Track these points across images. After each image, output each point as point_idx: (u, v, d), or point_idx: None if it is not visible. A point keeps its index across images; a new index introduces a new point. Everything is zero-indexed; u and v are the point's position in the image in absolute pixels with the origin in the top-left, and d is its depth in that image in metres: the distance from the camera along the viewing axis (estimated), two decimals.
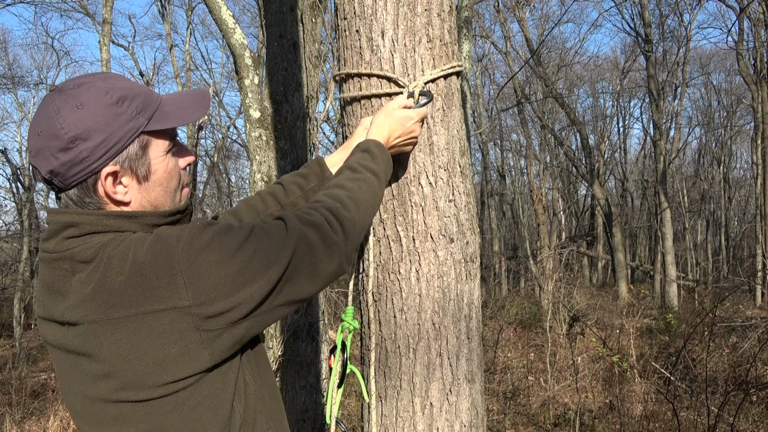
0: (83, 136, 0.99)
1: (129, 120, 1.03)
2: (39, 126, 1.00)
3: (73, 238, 1.02)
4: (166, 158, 1.09)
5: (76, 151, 0.99)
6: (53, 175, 1.01)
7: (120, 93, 1.03)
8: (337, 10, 1.62)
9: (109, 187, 1.03)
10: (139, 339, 0.95)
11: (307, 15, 4.81)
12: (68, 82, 1.04)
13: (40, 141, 1.00)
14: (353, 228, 1.19)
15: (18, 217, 19.92)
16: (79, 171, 1.01)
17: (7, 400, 7.69)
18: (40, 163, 1.01)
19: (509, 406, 6.90)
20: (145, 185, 1.07)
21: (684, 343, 6.92)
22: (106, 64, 15.55)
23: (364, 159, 1.34)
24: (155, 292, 0.95)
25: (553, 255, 12.98)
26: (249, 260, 1.00)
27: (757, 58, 16.12)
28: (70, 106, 0.99)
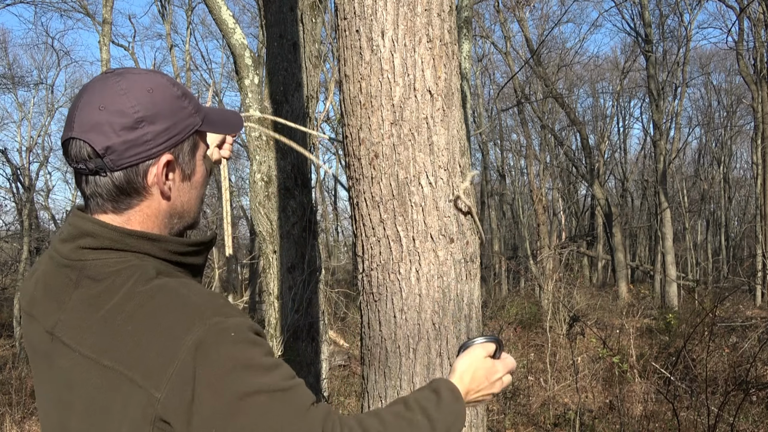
0: (151, 119, 0.96)
1: (188, 116, 1.02)
2: (100, 101, 0.95)
3: (89, 249, 0.97)
4: (203, 164, 1.08)
5: (141, 132, 0.95)
6: (108, 152, 0.94)
7: (183, 89, 1.03)
8: (337, 10, 1.62)
9: (161, 174, 0.99)
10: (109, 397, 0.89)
11: (307, 15, 4.82)
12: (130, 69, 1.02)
13: (100, 115, 0.94)
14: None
15: (18, 217, 19.92)
16: (137, 153, 0.96)
17: (7, 400, 7.69)
18: (93, 138, 0.94)
19: (509, 406, 6.90)
20: (186, 184, 1.05)
21: (684, 343, 6.92)
22: (106, 64, 15.55)
23: (426, 399, 1.09)
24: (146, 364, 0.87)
25: (553, 255, 12.99)
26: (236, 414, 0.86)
27: (757, 58, 16.13)
28: (142, 88, 0.97)
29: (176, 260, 1.02)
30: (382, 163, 1.55)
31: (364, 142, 1.57)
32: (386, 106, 1.54)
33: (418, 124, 1.53)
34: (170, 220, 1.04)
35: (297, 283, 4.53)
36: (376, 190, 1.56)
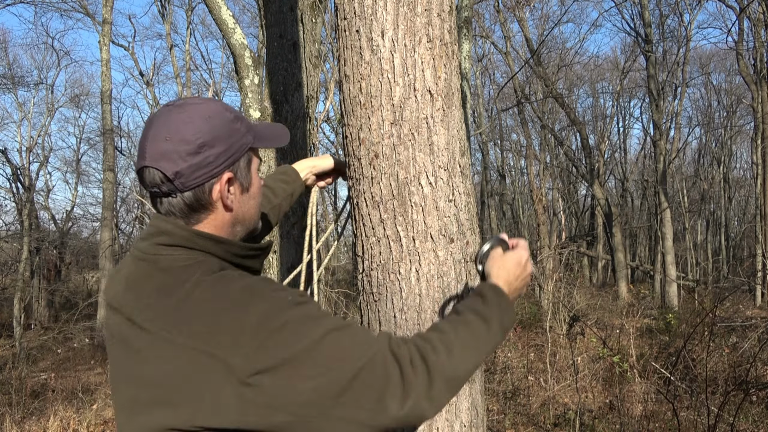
0: (211, 143, 1.11)
1: (242, 136, 1.16)
2: (164, 133, 1.10)
3: (163, 245, 1.11)
4: (257, 175, 1.23)
5: (203, 156, 1.10)
6: (177, 176, 1.09)
7: (234, 113, 1.17)
8: (337, 10, 1.62)
9: (224, 190, 1.14)
10: (189, 370, 0.99)
11: (307, 15, 4.82)
12: (188, 99, 1.16)
13: (166, 145, 1.09)
14: (441, 373, 1.09)
15: (18, 217, 19.93)
16: (202, 174, 1.11)
17: (7, 400, 7.69)
18: (164, 166, 1.09)
19: (509, 406, 6.90)
20: (245, 196, 1.20)
21: (684, 343, 6.92)
22: (106, 64, 15.56)
23: (473, 302, 1.25)
24: (220, 339, 0.98)
25: (553, 255, 12.98)
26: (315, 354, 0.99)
27: (757, 58, 16.12)
28: (200, 117, 1.12)
29: (236, 262, 1.17)
30: (382, 163, 1.55)
31: (364, 142, 1.57)
32: (386, 106, 1.54)
33: (418, 124, 1.53)
34: (233, 228, 1.19)
35: (297, 283, 4.53)
36: (376, 190, 1.56)
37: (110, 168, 15.42)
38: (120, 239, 22.88)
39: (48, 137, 26.87)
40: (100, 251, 15.98)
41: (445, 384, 1.09)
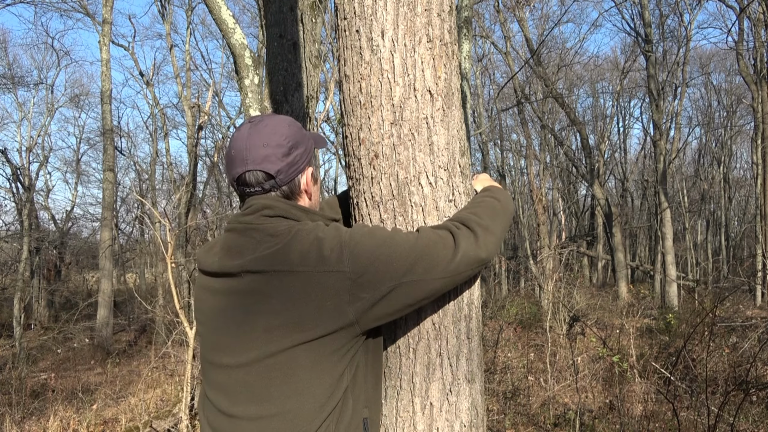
0: (296, 145, 1.43)
1: (309, 140, 1.49)
2: (261, 141, 1.40)
3: (267, 217, 1.38)
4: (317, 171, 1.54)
5: (294, 155, 1.42)
6: (279, 173, 1.40)
7: (298, 124, 1.48)
8: (337, 10, 1.62)
9: (309, 181, 1.47)
10: (310, 288, 1.27)
11: (307, 15, 4.82)
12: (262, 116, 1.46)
13: (266, 150, 1.39)
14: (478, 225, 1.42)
15: (18, 217, 19.93)
16: (294, 170, 1.42)
17: (7, 400, 7.69)
18: (267, 167, 1.39)
19: (509, 406, 6.90)
20: (316, 186, 1.51)
21: (684, 343, 6.91)
22: (106, 64, 15.55)
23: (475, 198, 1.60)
24: (327, 259, 1.28)
25: (553, 255, 12.98)
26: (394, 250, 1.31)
27: (757, 58, 16.12)
28: (283, 125, 1.43)
29: None
30: (382, 163, 1.55)
31: (364, 142, 1.57)
32: (386, 106, 1.54)
33: (418, 124, 1.53)
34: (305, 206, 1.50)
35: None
36: (376, 190, 1.56)
37: (110, 168, 15.42)
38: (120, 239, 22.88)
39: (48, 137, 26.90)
40: (100, 251, 15.98)
41: (484, 233, 1.41)
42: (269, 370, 1.29)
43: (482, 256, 1.41)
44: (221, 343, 1.37)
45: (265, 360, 1.29)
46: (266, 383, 1.29)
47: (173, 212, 15.19)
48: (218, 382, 1.37)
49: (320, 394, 1.30)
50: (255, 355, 1.30)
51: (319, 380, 1.29)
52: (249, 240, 1.36)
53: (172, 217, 14.09)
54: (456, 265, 1.36)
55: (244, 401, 1.31)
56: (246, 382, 1.31)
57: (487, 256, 1.42)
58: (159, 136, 25.59)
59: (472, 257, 1.38)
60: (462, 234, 1.39)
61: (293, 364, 1.28)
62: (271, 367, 1.29)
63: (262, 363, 1.29)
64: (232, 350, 1.33)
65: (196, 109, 18.42)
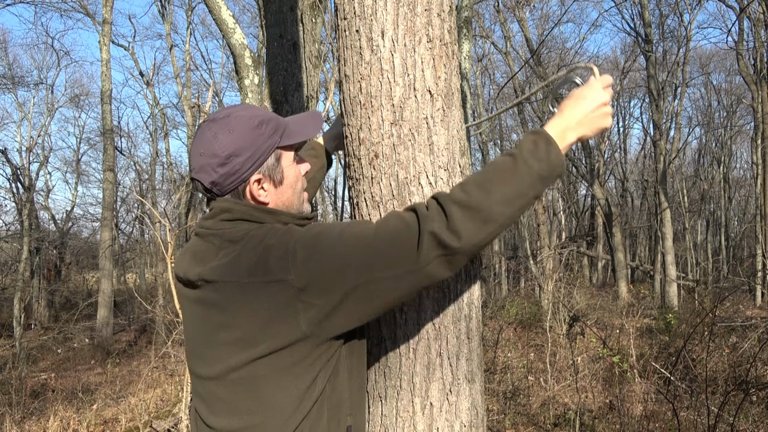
0: (236, 153, 1.29)
1: (267, 138, 1.32)
2: (200, 148, 1.30)
3: (226, 221, 1.30)
4: (293, 166, 1.39)
5: (231, 165, 1.29)
6: (214, 185, 1.31)
7: (259, 118, 1.33)
8: (337, 10, 1.62)
9: (255, 190, 1.32)
10: (258, 301, 1.19)
11: (307, 15, 4.82)
12: (218, 113, 1.34)
13: (202, 159, 1.30)
14: (452, 200, 1.20)
15: (18, 217, 19.93)
16: (233, 180, 1.30)
17: (7, 400, 7.69)
18: (203, 177, 1.30)
19: (509, 406, 6.90)
20: (279, 188, 1.36)
21: (684, 343, 6.91)
22: (106, 64, 15.55)
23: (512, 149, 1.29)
24: (272, 269, 1.19)
25: (553, 255, 12.98)
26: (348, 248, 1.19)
27: (757, 58, 16.12)
28: (224, 131, 1.29)
29: None
30: (382, 163, 1.56)
31: (364, 142, 1.57)
32: (386, 106, 1.54)
33: (418, 124, 1.53)
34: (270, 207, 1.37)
35: None
36: (376, 190, 1.56)
37: (110, 168, 15.42)
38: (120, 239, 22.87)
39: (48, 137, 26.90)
40: (100, 251, 15.99)
41: (461, 211, 1.17)
42: (234, 384, 1.24)
43: (452, 244, 1.15)
44: (196, 352, 1.33)
45: (229, 374, 1.24)
46: (233, 397, 1.25)
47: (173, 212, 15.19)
48: (198, 392, 1.34)
49: (287, 407, 1.23)
50: (220, 368, 1.25)
51: (283, 393, 1.23)
52: (210, 247, 1.30)
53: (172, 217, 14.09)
54: (424, 256, 1.15)
55: (218, 413, 1.28)
56: (217, 395, 1.27)
57: (460, 244, 1.15)
58: (159, 136, 25.60)
59: (438, 244, 1.15)
60: (429, 215, 1.18)
61: (254, 378, 1.22)
62: (235, 381, 1.24)
63: (227, 377, 1.24)
64: (204, 361, 1.29)
65: (196, 109, 18.42)
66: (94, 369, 11.03)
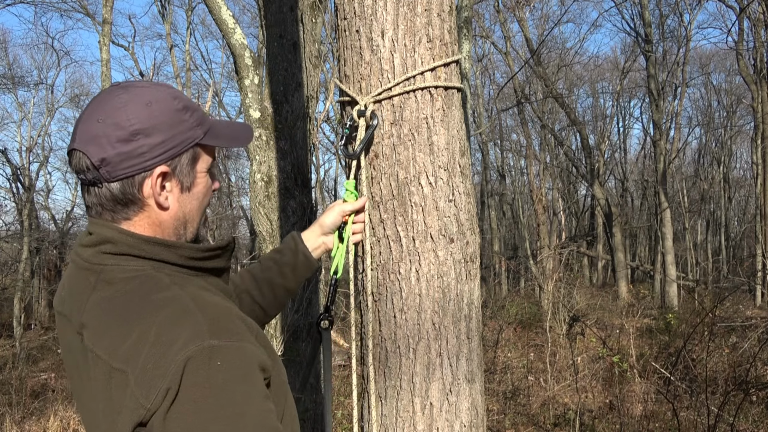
0: (147, 132, 1.00)
1: (189, 129, 1.05)
2: (99, 114, 1.00)
3: (109, 254, 1.02)
4: (206, 176, 1.11)
5: (136, 144, 0.99)
6: (103, 164, 0.99)
7: (185, 102, 1.06)
8: (337, 10, 1.62)
9: (157, 186, 1.02)
10: (112, 393, 0.92)
11: (307, 15, 4.82)
12: (135, 82, 1.06)
13: (98, 127, 0.99)
14: None
15: (18, 217, 19.92)
16: (132, 165, 1.00)
17: (7, 400, 7.69)
18: (91, 150, 0.99)
19: (509, 406, 6.90)
20: (185, 195, 1.08)
21: (684, 343, 6.91)
22: (106, 64, 15.53)
23: None
24: (143, 373, 0.88)
25: (553, 255, 12.98)
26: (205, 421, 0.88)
27: (757, 58, 16.12)
28: (140, 101, 1.00)
29: (194, 265, 1.06)
30: (382, 163, 1.56)
31: None
32: (386, 106, 1.54)
33: (418, 124, 1.53)
34: (177, 230, 1.08)
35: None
36: (376, 190, 1.56)
37: None
38: None
39: (48, 137, 26.88)
40: None
41: None
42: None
43: None
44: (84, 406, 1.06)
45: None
46: None
47: None
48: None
49: None
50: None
51: None
52: (85, 285, 1.02)
53: None
54: None
55: None
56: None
57: None
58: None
59: None
60: None
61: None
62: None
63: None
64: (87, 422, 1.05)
65: None
66: None
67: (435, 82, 1.53)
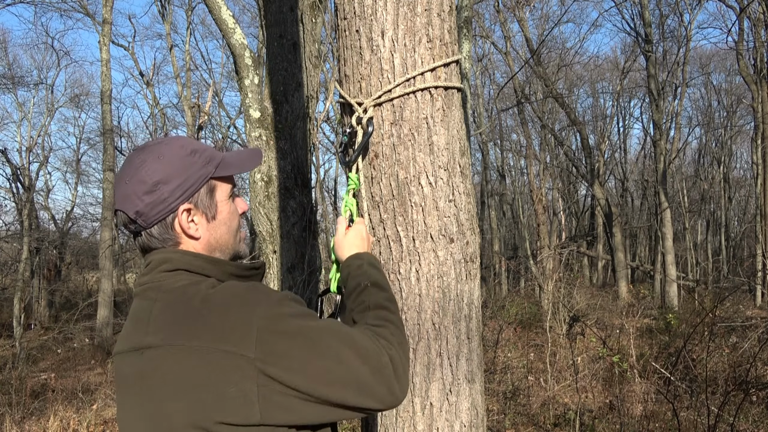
0: (164, 180, 1.18)
1: (200, 168, 1.22)
2: (126, 176, 1.19)
3: (166, 272, 1.19)
4: (229, 202, 1.28)
5: (159, 193, 1.18)
6: (138, 216, 1.18)
7: (192, 147, 1.24)
8: (337, 10, 1.62)
9: (185, 222, 1.21)
10: (207, 370, 1.06)
11: (307, 15, 4.82)
12: (149, 142, 1.25)
13: (127, 188, 1.18)
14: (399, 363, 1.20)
15: (18, 217, 19.92)
16: (160, 210, 1.19)
17: (7, 400, 7.68)
18: (126, 206, 1.19)
19: (509, 406, 6.89)
20: (212, 224, 1.25)
21: (684, 343, 6.91)
22: (106, 64, 15.54)
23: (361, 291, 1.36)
24: (231, 336, 1.07)
25: (553, 255, 12.98)
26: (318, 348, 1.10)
27: (757, 58, 16.11)
28: (153, 157, 1.19)
29: None
30: (382, 163, 1.55)
31: None
32: (386, 106, 1.54)
33: (418, 124, 1.53)
34: (212, 254, 1.26)
35: (297, 283, 4.53)
36: (376, 190, 1.56)
37: (110, 168, 15.41)
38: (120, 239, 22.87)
39: (48, 137, 26.89)
40: (100, 251, 15.98)
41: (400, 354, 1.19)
42: None
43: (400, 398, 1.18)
44: None
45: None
46: None
47: None
48: None
49: None
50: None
51: None
52: (147, 304, 1.17)
53: None
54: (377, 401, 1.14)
55: None
56: None
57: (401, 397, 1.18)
58: (159, 136, 25.58)
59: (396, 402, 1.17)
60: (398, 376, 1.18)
61: None
62: None
63: None
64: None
65: (196, 109, 18.42)
66: (94, 369, 11.02)
67: (435, 82, 1.53)
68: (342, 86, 1.63)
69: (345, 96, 1.60)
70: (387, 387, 1.14)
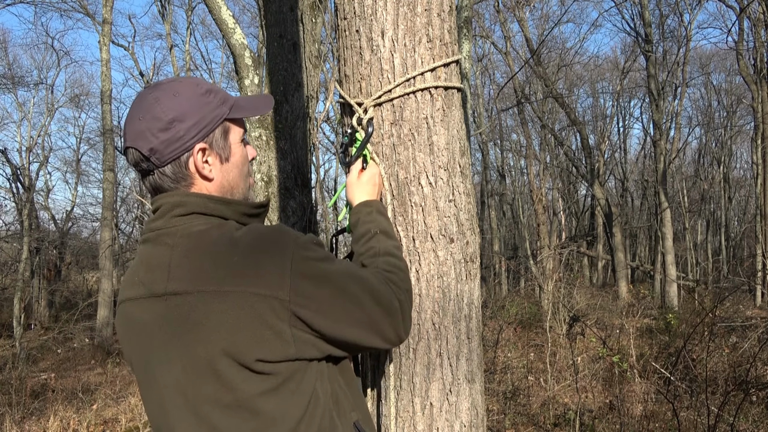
0: (180, 118, 1.16)
1: (215, 108, 1.21)
2: (139, 113, 1.17)
3: (180, 216, 1.17)
4: (241, 146, 1.27)
5: (174, 130, 1.16)
6: (152, 153, 1.16)
7: (207, 86, 1.22)
8: (337, 10, 1.62)
9: (200, 162, 1.19)
10: (243, 313, 1.08)
11: (307, 15, 4.82)
12: (162, 81, 1.22)
13: (141, 124, 1.16)
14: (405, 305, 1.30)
15: (18, 217, 19.92)
16: (175, 148, 1.17)
17: (7, 400, 7.68)
18: (140, 144, 1.16)
19: (509, 406, 6.89)
20: (225, 165, 1.24)
21: (684, 343, 6.91)
22: (106, 64, 15.54)
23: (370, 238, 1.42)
24: (265, 279, 1.09)
25: (553, 255, 12.98)
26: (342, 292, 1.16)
27: (757, 58, 16.11)
28: (168, 95, 1.17)
29: (243, 221, 1.23)
30: (382, 164, 1.55)
31: None
32: (386, 106, 1.54)
33: (418, 124, 1.53)
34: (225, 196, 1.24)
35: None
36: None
37: (110, 168, 15.42)
38: (120, 239, 22.87)
39: (48, 137, 26.89)
40: (100, 251, 15.98)
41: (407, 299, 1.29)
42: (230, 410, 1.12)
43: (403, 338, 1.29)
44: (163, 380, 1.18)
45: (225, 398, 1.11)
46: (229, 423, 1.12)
47: None
48: None
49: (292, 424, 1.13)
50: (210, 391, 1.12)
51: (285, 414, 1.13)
52: (164, 250, 1.15)
53: None
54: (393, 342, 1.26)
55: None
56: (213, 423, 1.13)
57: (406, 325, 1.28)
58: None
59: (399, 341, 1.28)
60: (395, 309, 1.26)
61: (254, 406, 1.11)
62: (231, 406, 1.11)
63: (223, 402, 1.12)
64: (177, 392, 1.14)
65: None
66: (94, 369, 11.02)
67: (435, 82, 1.53)
68: (342, 86, 1.63)
69: (345, 96, 1.60)
70: (395, 329, 1.23)
